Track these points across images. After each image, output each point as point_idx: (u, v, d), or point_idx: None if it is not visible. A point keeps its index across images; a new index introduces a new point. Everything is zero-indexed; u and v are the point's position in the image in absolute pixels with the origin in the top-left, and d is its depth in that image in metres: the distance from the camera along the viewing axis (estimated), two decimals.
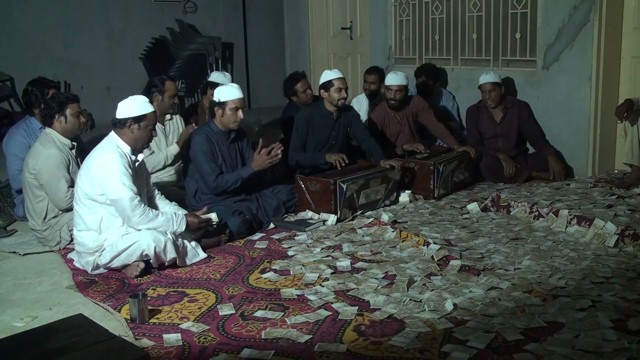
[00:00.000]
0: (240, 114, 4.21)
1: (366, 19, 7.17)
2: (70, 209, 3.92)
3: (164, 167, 4.76)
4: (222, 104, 4.21)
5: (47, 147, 3.94)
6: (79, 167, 4.15)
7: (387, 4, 6.72)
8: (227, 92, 4.23)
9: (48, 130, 4.02)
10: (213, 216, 3.87)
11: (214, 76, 5.53)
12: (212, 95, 4.33)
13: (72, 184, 3.92)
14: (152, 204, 3.81)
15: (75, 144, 4.12)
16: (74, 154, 4.09)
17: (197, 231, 3.79)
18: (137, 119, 3.56)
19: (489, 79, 5.22)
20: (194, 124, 4.94)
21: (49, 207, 4.01)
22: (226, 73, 5.74)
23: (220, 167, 4.26)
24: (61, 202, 3.95)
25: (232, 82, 4.97)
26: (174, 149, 4.74)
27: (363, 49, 7.34)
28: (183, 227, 3.65)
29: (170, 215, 3.64)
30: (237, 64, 9.53)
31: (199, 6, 9.25)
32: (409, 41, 6.57)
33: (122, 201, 3.45)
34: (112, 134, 3.60)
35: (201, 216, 3.81)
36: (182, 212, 3.80)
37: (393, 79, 5.33)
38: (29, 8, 8.07)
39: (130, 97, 3.62)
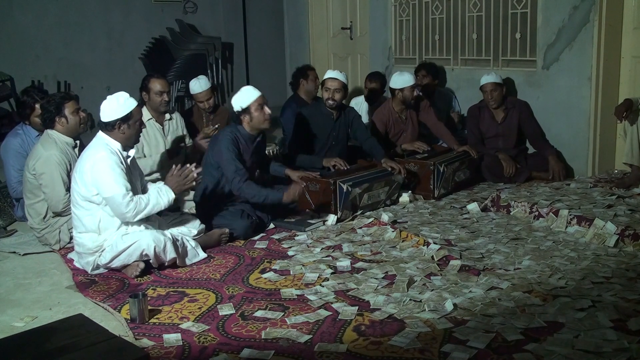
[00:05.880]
0: (266, 109, 4.15)
1: (366, 19, 7.16)
2: (65, 213, 3.92)
3: (150, 174, 4.57)
4: (246, 110, 4.11)
5: (47, 149, 3.94)
6: None
7: (387, 4, 6.72)
8: (244, 96, 4.12)
9: (50, 131, 4.01)
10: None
11: (190, 86, 5.33)
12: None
13: (69, 188, 3.89)
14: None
15: (78, 142, 4.10)
16: (77, 152, 4.07)
17: (184, 190, 3.69)
18: (125, 119, 3.50)
19: (490, 80, 5.23)
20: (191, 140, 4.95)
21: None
22: (200, 77, 5.35)
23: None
24: (58, 204, 3.93)
25: (217, 82, 4.97)
26: (163, 156, 4.67)
27: (363, 49, 7.33)
28: (172, 195, 3.56)
29: (155, 191, 3.56)
30: (237, 64, 9.52)
31: (199, 6, 9.24)
32: (409, 41, 6.57)
33: (115, 198, 3.42)
34: (100, 133, 3.56)
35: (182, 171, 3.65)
36: (161, 184, 3.68)
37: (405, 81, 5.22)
38: (29, 8, 8.06)
39: (111, 97, 3.52)
